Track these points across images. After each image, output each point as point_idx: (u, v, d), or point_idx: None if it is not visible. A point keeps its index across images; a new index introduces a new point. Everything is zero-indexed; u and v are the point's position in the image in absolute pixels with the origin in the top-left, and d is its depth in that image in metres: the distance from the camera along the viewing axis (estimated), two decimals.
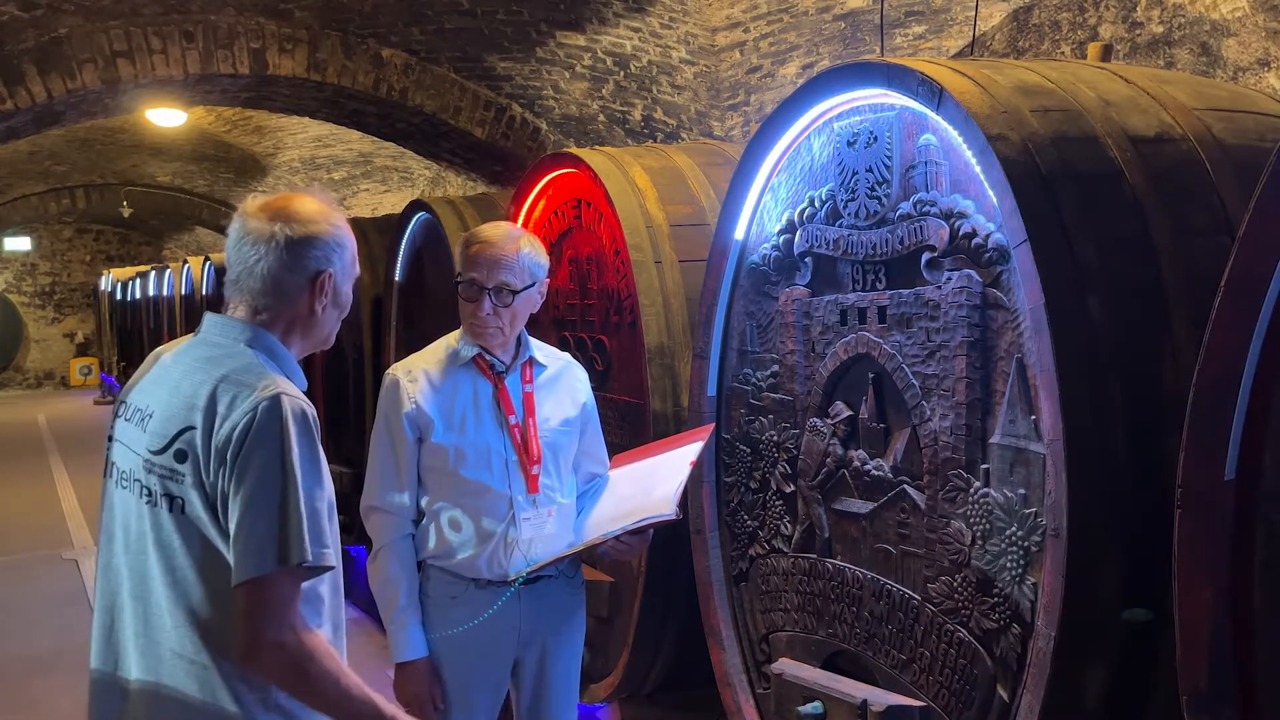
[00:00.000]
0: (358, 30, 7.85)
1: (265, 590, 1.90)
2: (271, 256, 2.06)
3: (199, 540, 1.97)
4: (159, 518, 2.00)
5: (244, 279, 2.09)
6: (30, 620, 6.71)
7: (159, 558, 2.00)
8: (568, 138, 8.31)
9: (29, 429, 16.69)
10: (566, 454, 2.97)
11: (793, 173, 3.12)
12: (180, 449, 1.97)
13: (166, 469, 1.99)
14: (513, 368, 2.93)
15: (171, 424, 2.00)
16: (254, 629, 1.89)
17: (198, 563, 1.97)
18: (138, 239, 24.90)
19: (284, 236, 2.06)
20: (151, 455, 2.01)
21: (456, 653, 2.87)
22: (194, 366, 2.05)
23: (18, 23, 6.98)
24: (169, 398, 2.04)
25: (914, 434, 2.71)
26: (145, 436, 2.04)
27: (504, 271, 2.84)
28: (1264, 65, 4.60)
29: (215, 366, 2.02)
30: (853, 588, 2.90)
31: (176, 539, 1.98)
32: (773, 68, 7.91)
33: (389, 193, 14.17)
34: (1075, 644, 2.23)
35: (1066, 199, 2.33)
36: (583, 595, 3.06)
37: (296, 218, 2.08)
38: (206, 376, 2.00)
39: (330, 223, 2.12)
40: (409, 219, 5.79)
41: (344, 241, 2.14)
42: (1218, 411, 1.94)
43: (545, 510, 2.88)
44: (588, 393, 3.07)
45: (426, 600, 2.89)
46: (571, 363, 3.09)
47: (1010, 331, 2.45)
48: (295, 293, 2.09)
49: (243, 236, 2.09)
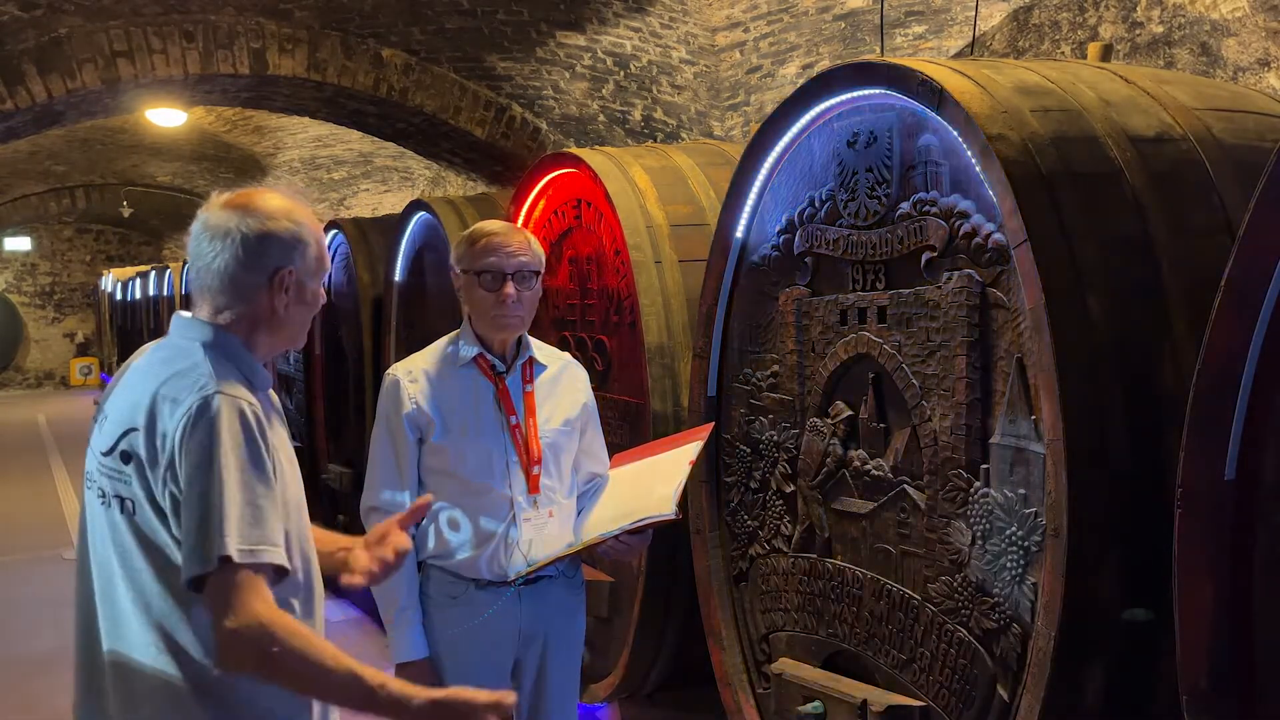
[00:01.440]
0: (358, 30, 7.85)
1: (210, 586, 1.89)
2: (228, 253, 2.02)
3: (149, 542, 1.96)
4: (113, 519, 2.01)
5: (203, 276, 2.05)
6: (30, 620, 6.71)
7: (118, 559, 2.00)
8: (568, 138, 8.31)
9: (29, 429, 16.69)
10: (567, 454, 2.97)
11: (793, 173, 3.12)
12: (125, 450, 1.97)
13: (114, 470, 1.99)
14: (513, 368, 2.93)
15: (119, 426, 2.00)
16: (215, 624, 1.89)
17: (151, 563, 1.97)
18: (138, 239, 24.90)
19: (239, 233, 2.02)
20: (102, 457, 2.02)
21: (457, 653, 2.87)
22: (149, 368, 2.05)
23: (18, 23, 6.98)
24: (121, 400, 2.04)
25: (914, 434, 2.71)
26: (100, 438, 2.05)
27: (522, 255, 2.87)
28: (1264, 65, 4.60)
29: (165, 368, 2.01)
30: (853, 587, 2.90)
31: (130, 540, 1.99)
32: (773, 68, 7.91)
33: (389, 193, 14.18)
34: (1075, 644, 2.23)
35: (1066, 199, 2.33)
36: (583, 595, 3.06)
37: (255, 213, 2.04)
38: (155, 378, 2.00)
39: (291, 219, 2.07)
40: (409, 219, 5.79)
41: (305, 237, 2.08)
42: (1218, 411, 1.94)
43: (545, 511, 2.88)
44: (588, 392, 3.07)
45: (427, 601, 2.89)
46: (571, 362, 3.09)
47: (1010, 331, 2.45)
48: (253, 290, 2.04)
49: (201, 232, 2.05)
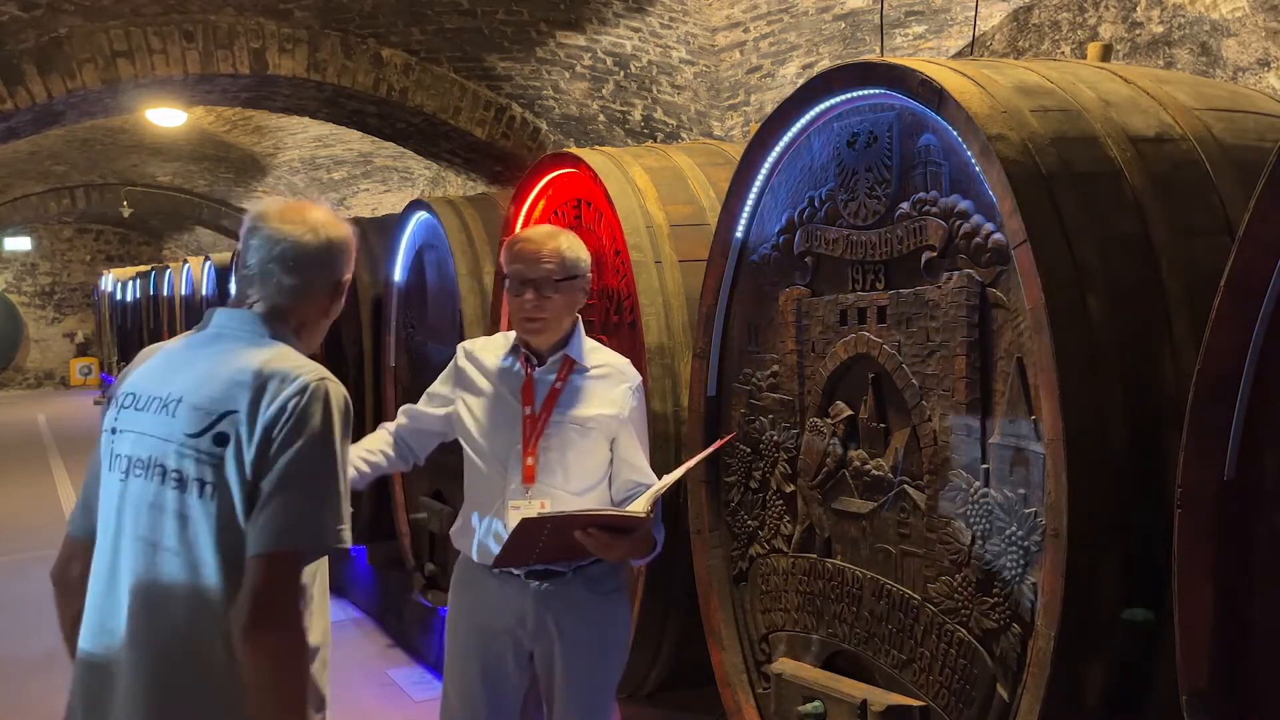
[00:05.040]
0: (358, 30, 7.85)
1: (288, 564, 1.94)
2: (309, 260, 2.14)
3: (225, 525, 1.99)
4: (185, 502, 2.02)
5: (269, 278, 2.15)
6: (30, 620, 6.71)
7: (178, 540, 2.01)
8: (568, 138, 8.32)
9: (29, 429, 16.70)
10: (580, 451, 2.98)
11: (793, 173, 3.12)
12: (221, 432, 2.01)
13: (204, 452, 2.01)
14: (547, 363, 3.00)
15: (212, 407, 2.03)
16: (272, 598, 1.91)
17: (221, 550, 1.99)
18: (138, 239, 24.91)
19: (324, 241, 2.15)
20: (188, 438, 2.03)
21: (458, 633, 3.05)
22: (224, 355, 2.09)
23: (18, 23, 6.98)
24: (201, 384, 2.06)
25: (914, 434, 2.71)
26: (176, 421, 2.05)
27: (546, 263, 2.94)
28: (1264, 65, 4.60)
29: (251, 354, 2.07)
30: (853, 587, 2.90)
31: (203, 525, 2.00)
32: (773, 68, 7.92)
33: (389, 193, 14.18)
34: (1075, 644, 2.23)
35: (1066, 199, 2.33)
36: (609, 602, 3.03)
37: (325, 225, 2.18)
38: (245, 362, 2.05)
39: (348, 232, 2.22)
40: (409, 219, 5.79)
41: (353, 251, 2.25)
42: (1218, 412, 1.94)
43: (538, 501, 2.92)
44: (626, 404, 3.03)
45: (451, 585, 3.13)
46: (623, 371, 3.07)
47: (1010, 331, 2.45)
48: (320, 295, 2.18)
49: (272, 239, 2.15)
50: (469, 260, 5.08)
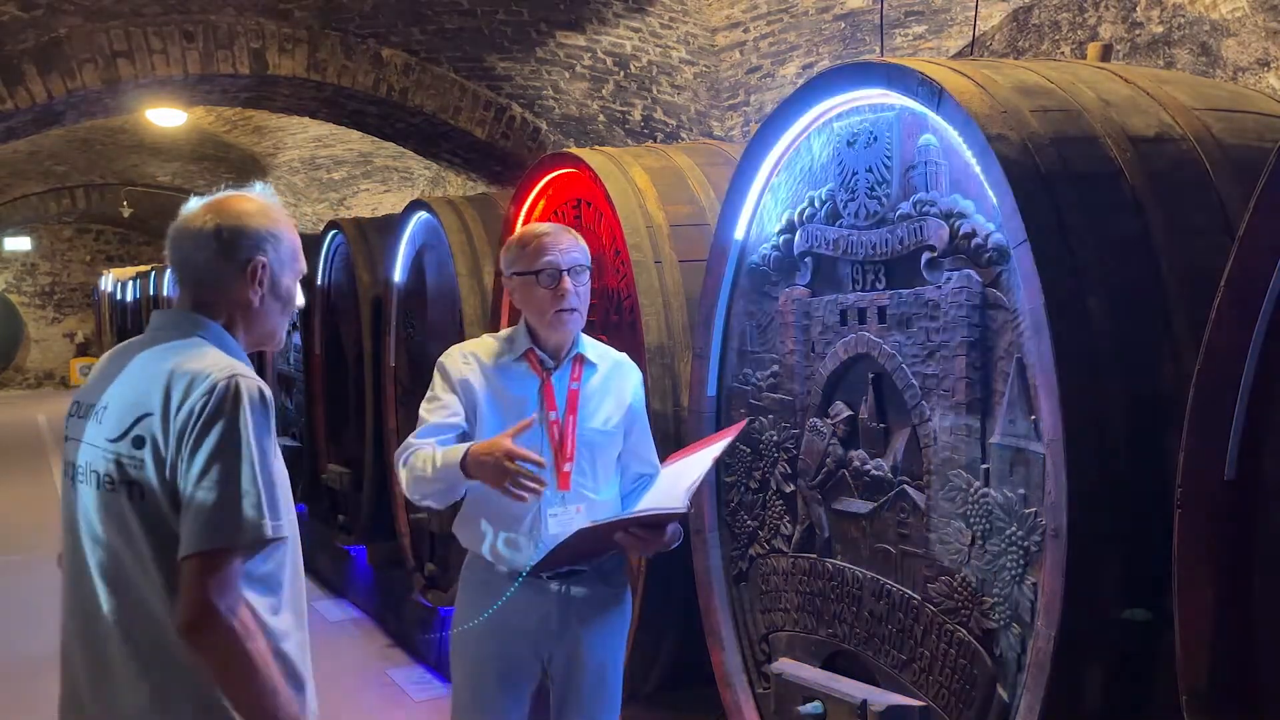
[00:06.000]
0: (358, 30, 7.85)
1: (218, 561, 1.94)
2: (207, 246, 2.15)
3: (158, 527, 2.01)
4: (119, 505, 2.04)
5: (184, 270, 2.19)
6: (30, 621, 6.70)
7: (124, 546, 2.04)
8: (568, 138, 8.31)
9: (29, 429, 16.68)
10: (606, 452, 2.98)
11: (792, 173, 3.12)
12: (138, 435, 2.02)
13: (125, 455, 2.04)
14: (561, 365, 2.97)
15: (129, 412, 2.05)
16: (202, 600, 1.92)
17: (155, 550, 2.01)
18: (138, 239, 24.89)
19: (214, 226, 2.15)
20: (109, 443, 2.06)
21: (479, 639, 2.92)
22: (148, 358, 2.11)
23: (18, 23, 6.98)
24: (124, 389, 2.09)
25: (914, 434, 2.71)
26: (102, 428, 2.09)
27: (574, 251, 2.94)
28: (1264, 65, 4.60)
29: (169, 355, 2.08)
30: (852, 588, 2.90)
31: (136, 526, 2.02)
32: (773, 68, 7.92)
33: (389, 193, 14.19)
34: (1075, 644, 2.23)
35: (1066, 199, 2.33)
36: (621, 597, 3.03)
37: (229, 211, 2.18)
38: (161, 364, 2.06)
39: (266, 216, 2.20)
40: (409, 219, 5.78)
41: (279, 234, 2.21)
42: (1218, 411, 1.94)
43: (574, 506, 2.90)
44: (636, 393, 3.07)
45: (465, 586, 3.00)
46: (623, 362, 3.09)
47: (1010, 331, 2.45)
48: (230, 280, 2.16)
49: (181, 231, 2.19)
50: (469, 260, 5.08)
